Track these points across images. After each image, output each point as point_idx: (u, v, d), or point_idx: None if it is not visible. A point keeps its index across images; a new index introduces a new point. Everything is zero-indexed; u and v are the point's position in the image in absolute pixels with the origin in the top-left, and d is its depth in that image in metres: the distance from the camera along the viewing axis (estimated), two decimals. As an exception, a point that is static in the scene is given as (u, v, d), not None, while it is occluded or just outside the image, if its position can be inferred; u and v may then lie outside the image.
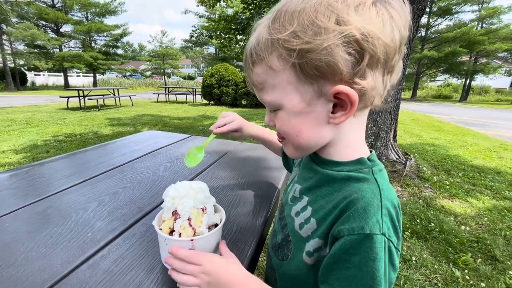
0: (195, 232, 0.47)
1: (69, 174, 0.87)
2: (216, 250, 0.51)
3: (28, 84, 21.03)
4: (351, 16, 0.32)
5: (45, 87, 21.46)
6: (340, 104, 0.37)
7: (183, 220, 0.47)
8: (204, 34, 19.91)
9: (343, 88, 0.35)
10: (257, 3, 5.28)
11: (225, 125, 0.75)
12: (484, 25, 19.67)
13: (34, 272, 0.46)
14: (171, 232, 0.48)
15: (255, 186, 0.86)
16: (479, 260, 1.76)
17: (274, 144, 0.83)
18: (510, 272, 1.65)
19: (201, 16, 26.19)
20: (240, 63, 25.84)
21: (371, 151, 0.44)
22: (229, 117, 0.77)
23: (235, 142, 1.41)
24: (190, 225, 0.47)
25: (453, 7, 19.66)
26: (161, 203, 0.71)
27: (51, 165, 0.97)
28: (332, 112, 0.38)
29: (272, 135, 0.83)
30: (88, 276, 0.45)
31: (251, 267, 0.53)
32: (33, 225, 0.59)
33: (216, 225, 0.51)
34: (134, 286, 0.44)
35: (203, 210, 0.50)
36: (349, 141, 0.43)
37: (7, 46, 18.17)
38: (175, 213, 0.49)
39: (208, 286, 0.42)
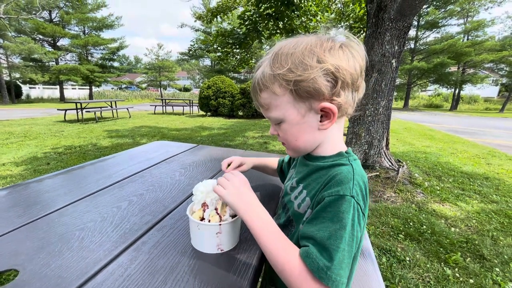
0: (221, 218, 0.58)
1: (97, 179, 0.98)
2: (238, 233, 0.62)
3: (23, 97, 21.00)
4: (327, 57, 0.49)
5: (40, 100, 21.42)
6: (325, 115, 0.53)
7: (211, 209, 0.59)
8: (202, 48, 20.32)
9: (326, 104, 0.51)
10: (253, 19, 5.52)
11: (230, 163, 0.88)
12: (469, 37, 20.53)
13: (90, 254, 0.56)
14: (201, 219, 0.59)
15: (261, 187, 0.98)
16: (468, 259, 1.87)
17: (270, 168, 0.97)
18: (496, 269, 1.77)
19: (197, 30, 26.75)
20: (236, 74, 26.32)
21: (348, 147, 0.60)
22: (229, 159, 0.89)
23: (239, 150, 1.53)
24: (217, 213, 0.59)
25: (440, 21, 20.55)
26: (183, 201, 0.83)
27: (78, 172, 1.07)
28: (320, 121, 0.54)
29: (266, 161, 0.97)
30: (135, 256, 0.56)
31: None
32: (78, 220, 0.70)
33: (236, 215, 0.63)
34: (174, 262, 0.54)
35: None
36: (333, 141, 0.58)
37: (3, 59, 18.27)
38: (204, 205, 0.60)
39: (230, 196, 0.56)
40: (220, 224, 0.57)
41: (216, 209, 0.59)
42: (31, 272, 0.50)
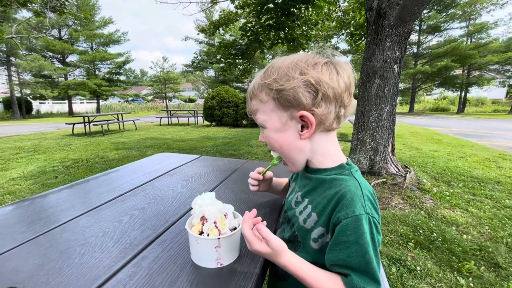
0: (220, 232, 0.58)
1: (99, 193, 0.99)
2: (237, 246, 0.61)
3: (33, 112, 21.56)
4: (309, 70, 0.53)
5: (49, 115, 21.94)
6: (305, 125, 0.55)
7: (210, 223, 0.58)
8: (205, 60, 20.66)
9: (305, 113, 0.53)
10: (255, 30, 5.62)
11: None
12: (473, 40, 20.43)
13: (89, 270, 0.56)
14: (200, 233, 0.59)
15: (263, 198, 0.97)
16: (483, 267, 1.80)
17: (284, 184, 0.93)
18: (513, 278, 1.70)
19: (200, 42, 27.29)
20: (240, 84, 26.61)
21: (347, 158, 0.61)
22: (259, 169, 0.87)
23: (241, 160, 1.53)
24: (216, 227, 0.58)
25: (442, 25, 20.54)
26: (184, 214, 0.83)
27: (81, 187, 1.08)
28: (301, 131, 0.56)
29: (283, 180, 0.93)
30: (135, 271, 0.56)
31: (267, 260, 0.63)
32: (80, 235, 0.70)
33: (235, 228, 0.62)
34: (172, 278, 0.54)
35: (225, 215, 0.62)
36: (323, 152, 0.59)
37: (15, 77, 18.90)
38: (203, 219, 0.60)
39: (267, 256, 0.54)
40: (218, 238, 0.56)
41: (215, 222, 0.59)
42: (31, 290, 0.50)
